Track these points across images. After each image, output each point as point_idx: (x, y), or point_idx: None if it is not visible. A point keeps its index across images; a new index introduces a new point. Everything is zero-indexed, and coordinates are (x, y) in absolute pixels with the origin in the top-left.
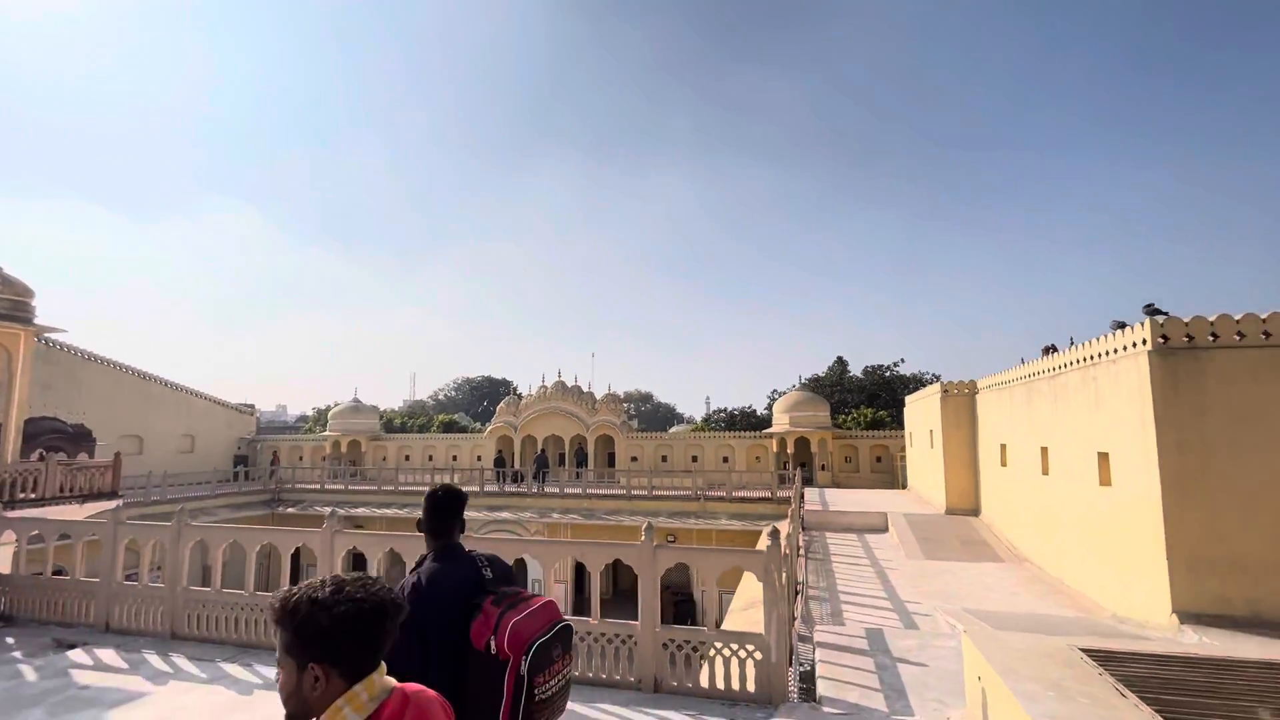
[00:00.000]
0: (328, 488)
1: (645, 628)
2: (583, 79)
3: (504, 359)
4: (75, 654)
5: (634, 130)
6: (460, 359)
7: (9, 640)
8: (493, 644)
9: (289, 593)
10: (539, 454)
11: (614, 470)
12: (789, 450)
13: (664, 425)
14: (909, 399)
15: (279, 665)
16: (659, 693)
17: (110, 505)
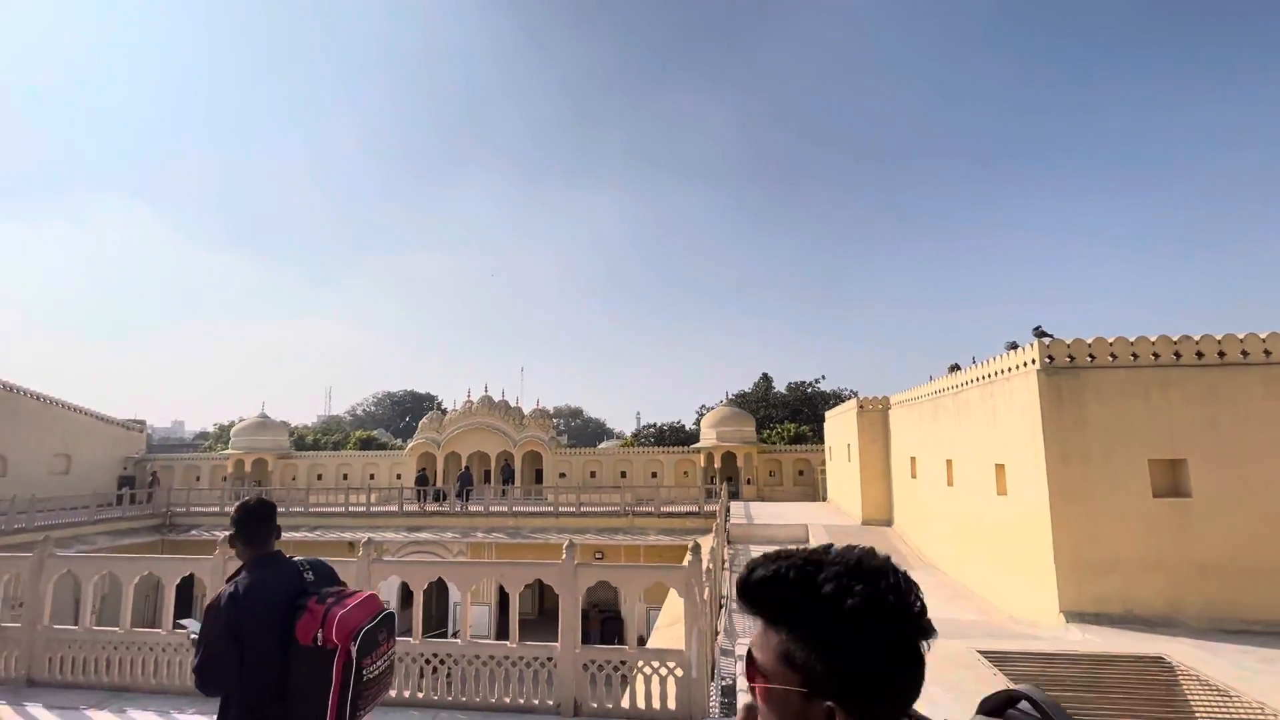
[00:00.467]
0: (228, 510)
1: (565, 649)
2: (517, 92)
3: (429, 373)
4: None
5: (567, 146)
6: (381, 373)
7: None
8: (320, 636)
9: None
10: (463, 471)
11: (542, 487)
12: (716, 465)
13: (594, 441)
14: (829, 414)
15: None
16: (579, 716)
17: None
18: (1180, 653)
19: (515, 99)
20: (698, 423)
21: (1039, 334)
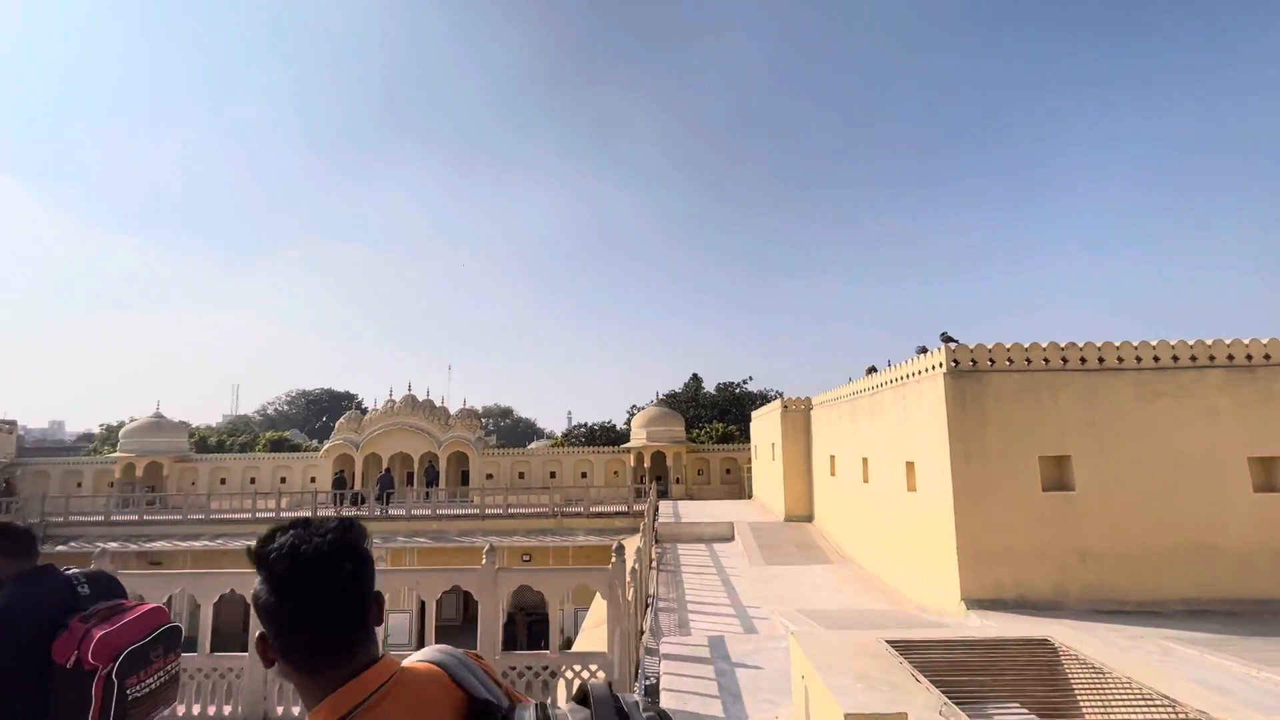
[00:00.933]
0: (115, 519)
1: (484, 656)
2: (445, 83)
3: (348, 371)
4: None
5: (498, 141)
6: (296, 370)
7: None
8: (75, 657)
9: None
10: (384, 473)
11: (468, 489)
12: (646, 464)
13: (524, 441)
14: (755, 414)
15: None
16: None
17: None
18: (1062, 634)
19: (442, 91)
20: (628, 422)
21: (945, 339)
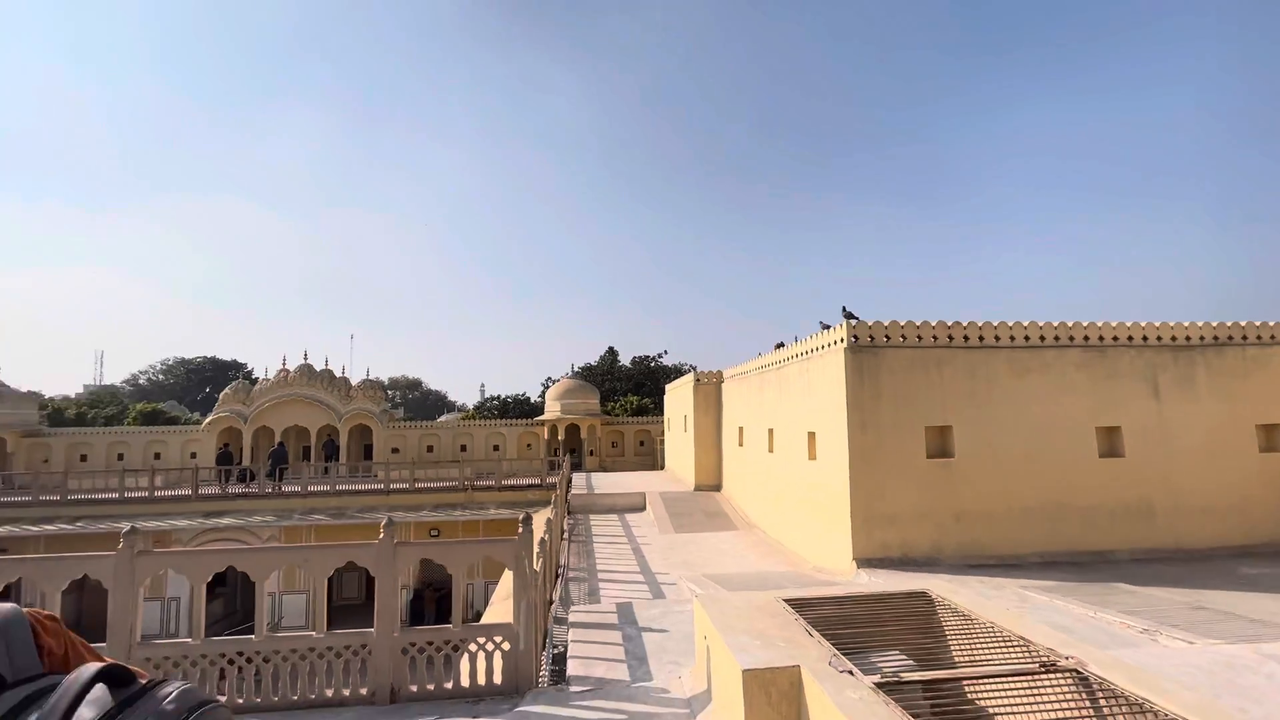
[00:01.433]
0: None
1: (381, 634)
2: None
3: (236, 338)
4: None
5: (409, 96)
6: (172, 336)
7: None
8: None
9: None
10: (276, 448)
11: (371, 464)
12: (560, 437)
13: (434, 414)
14: (669, 387)
15: None
16: (396, 702)
17: None
18: (938, 587)
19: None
20: (543, 395)
21: (847, 315)
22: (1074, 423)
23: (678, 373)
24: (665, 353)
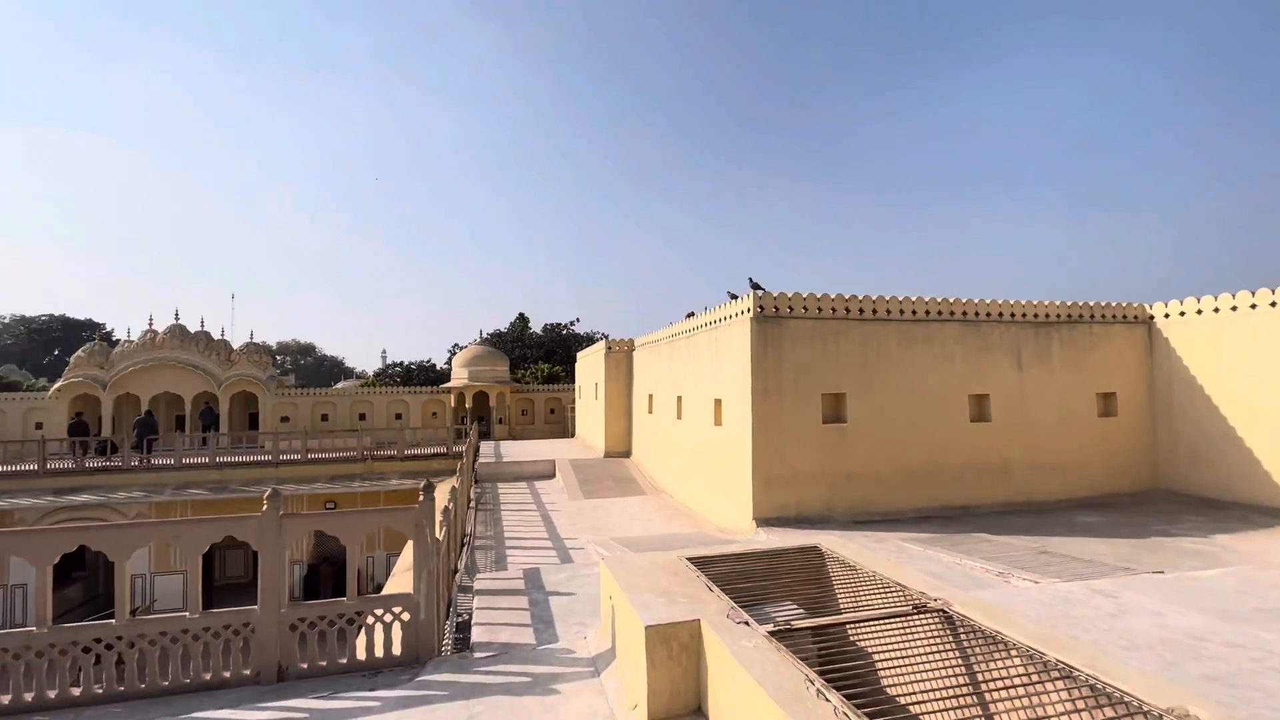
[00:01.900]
0: None
1: (266, 611)
2: None
3: (90, 295)
4: None
5: (299, 33)
6: (12, 290)
7: None
8: None
9: None
10: (142, 416)
11: (258, 434)
12: (468, 405)
13: (329, 380)
14: (580, 355)
15: None
16: (283, 681)
17: None
18: (829, 541)
19: None
20: (450, 362)
21: (753, 285)
22: (951, 391)
23: (590, 340)
24: (578, 320)
